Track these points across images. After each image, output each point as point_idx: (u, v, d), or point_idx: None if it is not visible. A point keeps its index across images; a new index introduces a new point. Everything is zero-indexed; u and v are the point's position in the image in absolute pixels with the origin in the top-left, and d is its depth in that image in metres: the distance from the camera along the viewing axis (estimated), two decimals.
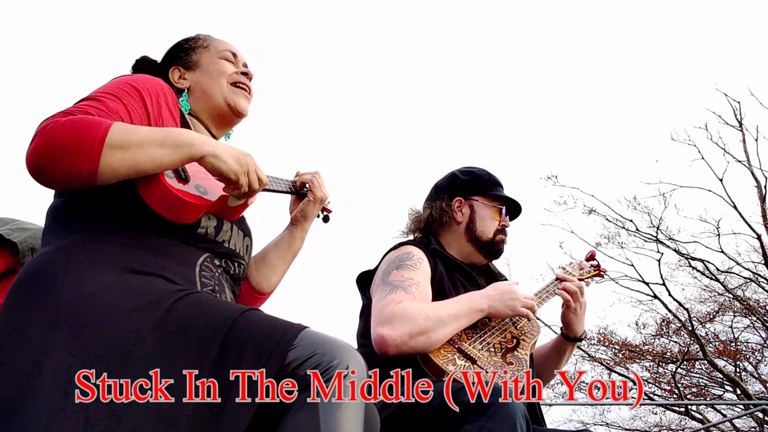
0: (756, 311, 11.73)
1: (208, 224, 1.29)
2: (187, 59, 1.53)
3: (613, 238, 12.76)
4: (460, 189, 2.02)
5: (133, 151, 1.11)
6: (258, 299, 1.57)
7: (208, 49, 1.54)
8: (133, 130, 1.13)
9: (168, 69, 1.52)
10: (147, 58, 1.57)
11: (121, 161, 1.10)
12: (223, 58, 1.53)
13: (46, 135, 1.07)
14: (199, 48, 1.54)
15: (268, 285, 1.57)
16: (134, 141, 1.11)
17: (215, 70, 1.50)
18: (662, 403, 12.35)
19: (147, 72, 1.53)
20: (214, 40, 1.58)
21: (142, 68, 1.56)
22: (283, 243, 1.61)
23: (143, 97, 1.26)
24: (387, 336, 1.58)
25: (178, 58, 1.54)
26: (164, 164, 1.15)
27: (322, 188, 1.64)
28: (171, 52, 1.57)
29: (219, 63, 1.52)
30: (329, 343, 1.06)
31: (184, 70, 1.51)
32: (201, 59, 1.52)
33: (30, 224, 2.09)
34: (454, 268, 1.91)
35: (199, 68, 1.51)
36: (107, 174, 1.10)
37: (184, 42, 1.57)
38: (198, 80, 1.49)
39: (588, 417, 12.91)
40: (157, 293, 1.11)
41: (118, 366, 1.01)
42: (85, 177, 1.09)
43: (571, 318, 1.92)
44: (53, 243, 1.18)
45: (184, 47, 1.55)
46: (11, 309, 1.11)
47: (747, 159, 11.91)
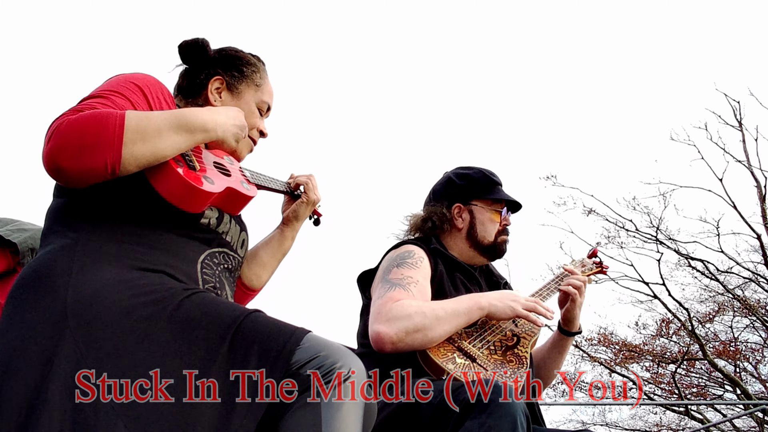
0: (756, 311, 11.73)
1: (211, 215, 1.31)
2: (236, 82, 1.49)
3: (613, 238, 12.77)
4: (458, 195, 2.00)
5: (153, 140, 1.13)
6: (247, 296, 1.59)
7: (257, 90, 1.52)
8: (148, 117, 1.14)
9: (213, 70, 1.48)
10: (206, 43, 1.50)
11: (142, 150, 1.12)
12: (259, 108, 1.53)
13: (63, 133, 1.08)
14: (251, 80, 1.51)
15: (258, 282, 1.59)
16: (151, 128, 1.13)
17: (246, 115, 1.47)
18: (662, 403, 12.35)
19: (194, 57, 1.50)
20: (266, 83, 1.55)
21: (193, 50, 1.49)
22: (273, 241, 1.64)
23: (145, 94, 1.27)
24: (383, 333, 1.59)
25: (229, 72, 1.49)
26: (182, 148, 1.19)
27: (316, 191, 1.66)
28: (226, 59, 1.51)
29: (253, 113, 1.51)
30: (331, 346, 1.10)
31: (226, 88, 1.48)
32: (245, 93, 1.50)
33: (30, 225, 2.09)
34: (454, 268, 1.91)
35: (238, 100, 1.49)
36: (130, 164, 1.11)
37: (243, 62, 1.52)
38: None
39: (588, 417, 12.93)
40: (164, 291, 1.12)
41: (126, 364, 1.02)
42: (109, 170, 1.10)
43: (574, 313, 1.92)
44: (55, 242, 1.18)
45: (240, 68, 1.51)
46: (17, 309, 1.11)
47: (747, 159, 11.92)
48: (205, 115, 1.24)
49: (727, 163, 12.67)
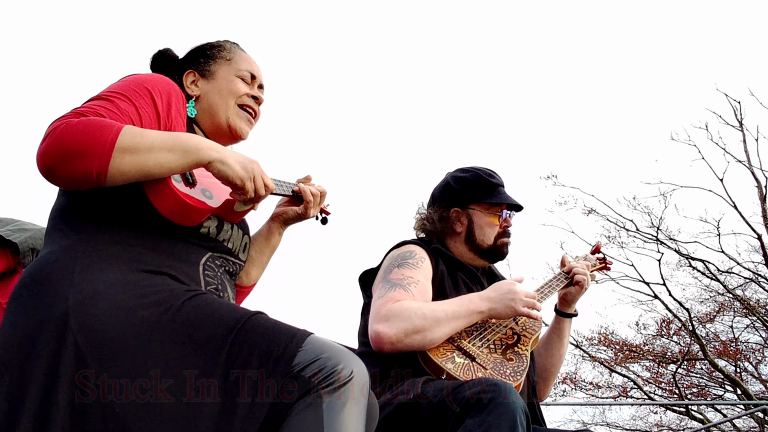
0: (756, 311, 11.72)
1: (210, 224, 1.31)
2: (205, 66, 1.49)
3: (614, 238, 12.77)
4: (455, 199, 1.97)
5: (142, 155, 1.12)
6: (240, 293, 1.57)
7: (230, 63, 1.50)
8: (143, 134, 1.14)
9: (184, 69, 1.49)
10: (170, 52, 1.53)
11: (130, 165, 1.11)
12: (240, 77, 1.49)
13: (58, 136, 1.08)
14: (220, 59, 1.50)
15: (248, 279, 1.56)
16: (144, 145, 1.12)
17: (227, 89, 1.46)
18: (662, 403, 12.35)
19: (164, 66, 1.51)
20: (238, 55, 1.52)
21: (161, 61, 1.52)
22: (261, 237, 1.59)
23: (154, 99, 1.27)
24: (383, 333, 1.59)
25: (197, 62, 1.50)
26: (172, 169, 1.17)
27: (316, 209, 1.59)
28: (192, 54, 1.53)
29: (233, 82, 1.47)
30: (332, 348, 1.10)
31: (199, 76, 1.48)
32: (218, 71, 1.48)
33: (30, 225, 2.09)
34: (456, 267, 1.91)
35: (214, 80, 1.47)
36: (116, 176, 1.11)
37: (207, 47, 1.53)
38: (208, 92, 1.46)
39: (588, 417, 12.93)
40: (166, 292, 1.12)
41: (128, 365, 1.03)
42: (94, 178, 1.10)
43: (576, 298, 1.97)
44: (58, 242, 1.18)
45: (206, 53, 1.51)
46: (19, 309, 1.11)
47: (747, 159, 11.91)
48: (203, 141, 1.20)
49: (727, 163, 12.71)
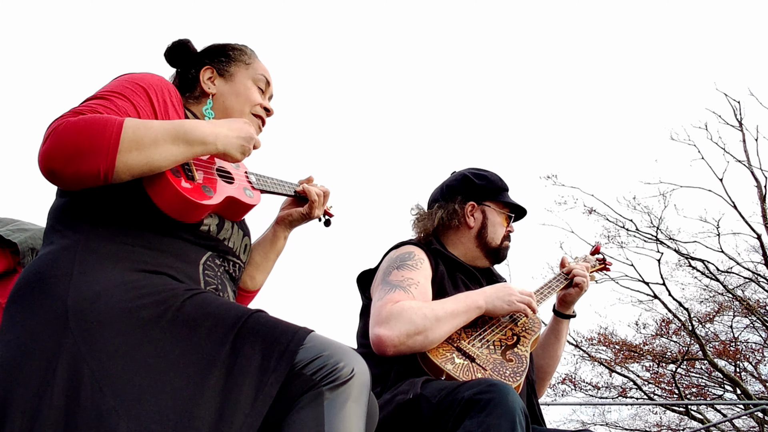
0: (756, 311, 11.72)
1: (211, 222, 1.30)
2: (225, 66, 1.51)
3: (613, 238, 12.77)
4: (474, 193, 2.00)
5: (148, 150, 1.12)
6: (244, 298, 1.57)
7: (248, 68, 1.53)
8: (146, 126, 1.14)
9: (201, 64, 1.51)
10: (190, 43, 1.53)
11: (136, 160, 1.11)
12: (256, 83, 1.53)
13: (60, 136, 1.07)
14: (240, 62, 1.53)
15: (252, 284, 1.56)
16: (148, 138, 1.12)
17: (244, 94, 1.50)
18: (662, 403, 12.35)
19: (182, 56, 1.52)
20: (256, 61, 1.56)
21: (180, 50, 1.52)
22: (265, 241, 1.60)
23: (149, 96, 1.27)
24: (384, 336, 1.59)
25: (216, 59, 1.52)
26: (178, 161, 1.18)
27: (321, 209, 1.60)
28: (213, 50, 1.55)
29: (250, 89, 1.51)
30: (334, 346, 1.10)
31: (217, 75, 1.50)
32: (237, 73, 1.51)
33: (30, 225, 2.09)
34: (455, 268, 1.91)
35: (232, 82, 1.50)
36: (123, 173, 1.11)
37: (229, 48, 1.55)
38: (225, 93, 1.49)
39: (588, 417, 12.93)
40: (166, 292, 1.12)
41: (128, 365, 1.02)
42: (101, 177, 1.09)
43: (575, 299, 1.99)
44: (57, 242, 1.18)
45: (228, 53, 1.54)
46: (18, 310, 1.11)
47: (747, 159, 11.91)
48: (206, 127, 1.22)
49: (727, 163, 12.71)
